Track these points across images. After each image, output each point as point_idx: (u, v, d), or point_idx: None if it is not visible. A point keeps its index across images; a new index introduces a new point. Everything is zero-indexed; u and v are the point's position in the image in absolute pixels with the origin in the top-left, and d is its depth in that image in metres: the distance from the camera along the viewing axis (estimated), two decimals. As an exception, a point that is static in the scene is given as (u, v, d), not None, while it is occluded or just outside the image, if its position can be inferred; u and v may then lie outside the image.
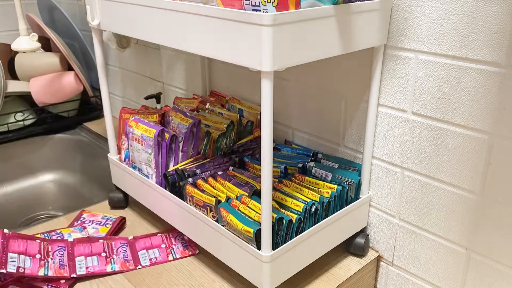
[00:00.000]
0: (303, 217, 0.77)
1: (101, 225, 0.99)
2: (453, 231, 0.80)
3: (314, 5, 0.63)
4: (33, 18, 1.49)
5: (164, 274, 0.87)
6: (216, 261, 0.88)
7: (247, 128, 1.05)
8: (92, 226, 0.99)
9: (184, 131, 0.94)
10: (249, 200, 0.79)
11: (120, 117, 1.10)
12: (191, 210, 0.85)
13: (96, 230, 0.97)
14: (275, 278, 0.76)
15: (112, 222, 0.99)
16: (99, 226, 0.98)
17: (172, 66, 1.33)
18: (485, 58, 0.69)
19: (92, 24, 0.91)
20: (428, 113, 0.78)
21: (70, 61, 1.46)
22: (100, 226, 0.98)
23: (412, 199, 0.84)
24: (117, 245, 0.92)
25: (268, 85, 0.60)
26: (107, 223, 0.99)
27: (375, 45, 0.77)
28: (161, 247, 0.93)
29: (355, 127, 0.91)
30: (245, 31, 0.59)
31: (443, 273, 0.84)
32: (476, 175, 0.74)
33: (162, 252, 0.91)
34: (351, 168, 0.89)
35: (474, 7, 0.68)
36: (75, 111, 1.64)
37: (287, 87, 1.02)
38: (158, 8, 0.73)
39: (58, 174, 1.58)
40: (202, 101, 1.13)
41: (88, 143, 1.54)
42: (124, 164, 1.03)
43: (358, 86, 0.87)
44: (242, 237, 0.75)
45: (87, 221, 1.01)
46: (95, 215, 1.04)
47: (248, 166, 0.94)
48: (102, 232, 0.96)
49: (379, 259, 0.94)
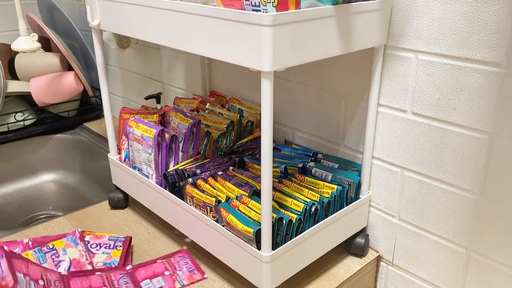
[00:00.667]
0: (303, 217, 0.77)
1: (111, 248, 0.90)
2: (453, 231, 0.80)
3: (314, 5, 0.63)
4: (33, 18, 1.49)
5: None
6: (216, 261, 0.88)
7: (247, 128, 1.05)
8: (101, 251, 0.89)
9: (184, 131, 0.94)
10: (249, 200, 0.79)
11: (120, 117, 1.10)
12: (191, 210, 0.85)
13: (107, 255, 0.88)
14: (275, 278, 0.76)
15: (122, 243, 0.91)
16: (109, 250, 0.89)
17: (172, 66, 1.33)
18: (485, 58, 0.69)
19: (92, 24, 0.91)
20: (428, 113, 0.78)
21: (70, 61, 1.46)
22: (111, 250, 0.89)
23: (412, 199, 0.84)
24: (116, 277, 0.83)
25: (268, 85, 0.60)
26: (117, 245, 0.90)
27: (375, 45, 0.77)
28: (165, 274, 0.85)
29: (355, 127, 0.91)
30: (245, 31, 0.59)
31: (443, 273, 0.84)
32: (476, 175, 0.74)
33: (167, 280, 0.83)
34: (351, 168, 0.89)
35: (474, 7, 0.68)
36: (75, 111, 1.64)
37: (287, 87, 1.02)
38: (158, 8, 0.73)
39: (58, 174, 1.58)
40: (202, 101, 1.13)
41: (88, 143, 1.54)
42: (124, 164, 1.03)
43: (358, 86, 0.87)
44: (242, 237, 0.75)
45: (93, 244, 0.92)
46: (99, 236, 0.94)
47: (248, 166, 0.94)
48: (115, 257, 0.87)
49: (379, 259, 0.94)
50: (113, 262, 0.87)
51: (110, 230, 1.01)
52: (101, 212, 1.08)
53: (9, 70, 1.56)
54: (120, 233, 0.99)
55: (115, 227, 1.02)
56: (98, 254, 0.89)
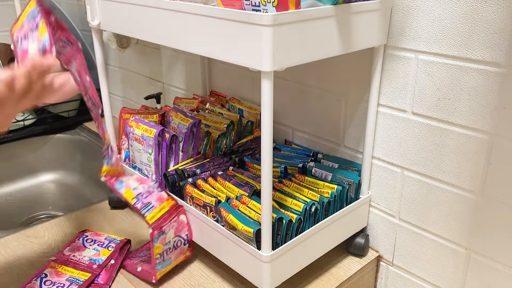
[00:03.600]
0: (303, 217, 0.77)
1: (103, 247, 0.92)
2: (453, 231, 0.80)
3: (314, 5, 0.63)
4: (33, 18, 1.49)
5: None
6: (216, 261, 0.88)
7: (247, 128, 1.05)
8: (93, 247, 0.92)
9: (184, 131, 0.94)
10: (249, 200, 0.79)
11: (120, 117, 1.10)
12: (191, 210, 0.85)
13: (96, 252, 0.90)
14: (275, 278, 0.76)
15: (115, 245, 0.92)
16: (101, 248, 0.91)
17: (172, 66, 1.33)
18: (485, 58, 0.69)
19: (92, 24, 0.91)
20: (428, 113, 0.78)
21: (70, 61, 1.45)
22: (102, 248, 0.91)
23: (412, 199, 0.84)
24: None
25: (268, 85, 0.60)
26: (109, 246, 0.92)
27: (375, 45, 0.77)
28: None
29: (355, 127, 0.91)
30: (245, 31, 0.59)
31: (443, 273, 0.84)
32: (476, 175, 0.74)
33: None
34: (351, 168, 0.89)
35: (474, 7, 0.68)
36: (75, 111, 1.64)
37: (287, 87, 1.02)
38: (158, 8, 0.73)
39: (58, 174, 1.58)
40: (202, 101, 1.13)
41: (88, 143, 1.54)
42: (124, 164, 1.03)
43: (358, 86, 0.87)
44: (242, 237, 0.75)
45: (89, 239, 0.94)
46: (99, 234, 0.97)
47: (248, 166, 0.94)
48: (103, 256, 0.89)
49: (379, 259, 0.94)
50: (99, 259, 0.88)
51: (110, 230, 1.01)
52: (101, 212, 1.08)
53: (9, 70, 1.56)
54: (120, 233, 0.99)
55: (115, 227, 1.02)
56: (89, 249, 0.92)
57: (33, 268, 0.88)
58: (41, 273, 0.85)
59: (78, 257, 0.89)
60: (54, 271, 0.85)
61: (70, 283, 0.82)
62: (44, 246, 0.96)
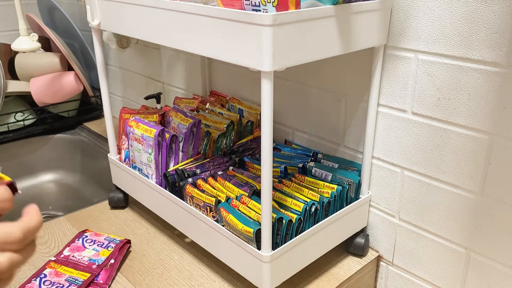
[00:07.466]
0: (303, 217, 0.77)
1: (103, 247, 0.91)
2: (453, 231, 0.80)
3: (314, 5, 0.63)
4: (33, 18, 1.49)
5: (164, 274, 0.87)
6: (216, 261, 0.88)
7: (247, 128, 1.05)
8: (93, 247, 0.92)
9: (184, 131, 0.94)
10: (249, 200, 0.79)
11: (120, 117, 1.10)
12: (191, 210, 0.85)
13: (96, 252, 0.90)
14: (275, 278, 0.76)
15: (115, 245, 0.91)
16: (100, 248, 0.91)
17: (172, 66, 1.33)
18: (485, 58, 0.69)
19: (92, 24, 0.91)
20: (428, 113, 0.78)
21: (70, 61, 1.46)
22: (102, 248, 0.91)
23: (412, 199, 0.84)
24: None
25: (268, 85, 0.60)
26: (109, 246, 0.92)
27: (375, 45, 0.77)
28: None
29: (355, 127, 0.91)
30: (245, 31, 0.59)
31: (443, 273, 0.84)
32: (476, 175, 0.74)
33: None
34: (351, 168, 0.89)
35: (474, 7, 0.68)
36: (75, 111, 1.64)
37: (287, 87, 1.02)
38: (158, 8, 0.73)
39: (58, 174, 1.58)
40: (202, 101, 1.13)
41: (88, 143, 1.54)
42: (124, 164, 1.03)
43: (358, 86, 0.87)
44: (242, 237, 0.75)
45: (88, 240, 0.94)
46: (99, 234, 0.96)
47: (248, 166, 0.94)
48: (103, 256, 0.89)
49: (379, 259, 0.94)
50: (99, 260, 0.88)
51: (110, 230, 1.01)
52: (101, 212, 1.08)
53: (9, 70, 1.56)
54: (120, 233, 0.99)
55: (115, 227, 1.02)
56: (89, 249, 0.92)
57: (32, 268, 0.88)
58: (40, 273, 0.85)
59: (77, 257, 0.89)
60: (54, 271, 0.85)
61: (69, 284, 0.82)
62: (44, 246, 0.96)
